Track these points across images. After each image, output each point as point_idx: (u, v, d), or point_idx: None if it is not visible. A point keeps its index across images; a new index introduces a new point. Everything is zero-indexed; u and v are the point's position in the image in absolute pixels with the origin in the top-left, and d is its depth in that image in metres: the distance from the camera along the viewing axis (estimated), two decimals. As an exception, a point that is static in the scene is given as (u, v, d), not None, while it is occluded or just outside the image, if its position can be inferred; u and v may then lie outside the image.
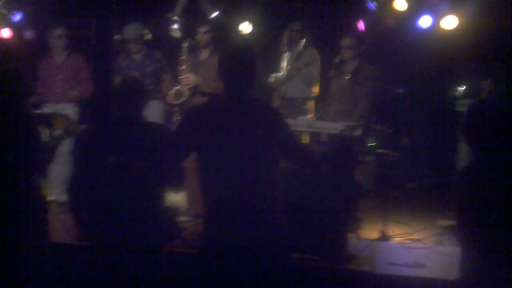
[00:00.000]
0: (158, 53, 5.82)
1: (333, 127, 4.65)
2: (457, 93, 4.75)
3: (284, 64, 6.01)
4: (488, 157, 2.83)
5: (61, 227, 4.57)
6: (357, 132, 4.51)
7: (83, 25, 5.74)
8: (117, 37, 5.48)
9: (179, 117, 5.24)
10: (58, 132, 3.75)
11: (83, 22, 5.83)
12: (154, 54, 5.78)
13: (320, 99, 5.66)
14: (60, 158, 5.45)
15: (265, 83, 6.11)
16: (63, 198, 5.14)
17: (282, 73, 6.01)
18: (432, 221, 5.40)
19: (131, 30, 5.65)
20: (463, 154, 4.78)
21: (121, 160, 3.22)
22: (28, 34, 6.37)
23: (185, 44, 5.32)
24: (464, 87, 4.67)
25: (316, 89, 5.90)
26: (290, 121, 4.83)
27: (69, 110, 5.54)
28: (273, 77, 6.04)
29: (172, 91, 5.28)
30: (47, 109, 5.61)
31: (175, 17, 6.23)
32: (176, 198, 6.17)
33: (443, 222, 5.27)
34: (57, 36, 5.75)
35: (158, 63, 5.74)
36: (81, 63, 5.88)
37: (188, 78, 5.19)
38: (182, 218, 5.21)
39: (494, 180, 2.74)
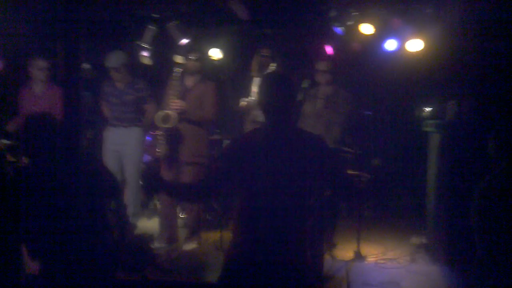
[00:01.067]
0: (142, 82, 5.76)
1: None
2: (424, 113, 4.87)
3: (255, 88, 6.09)
4: None
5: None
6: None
7: (55, 54, 5.68)
8: (85, 66, 5.46)
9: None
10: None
11: (54, 51, 5.78)
12: (137, 83, 5.75)
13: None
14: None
15: (235, 108, 6.16)
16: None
17: (252, 97, 6.08)
18: (405, 239, 5.47)
19: (113, 59, 5.64)
20: (433, 173, 4.87)
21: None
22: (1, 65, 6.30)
23: (175, 70, 5.30)
24: (431, 108, 4.78)
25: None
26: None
27: None
28: (243, 102, 6.10)
29: (160, 114, 5.26)
30: None
31: (144, 45, 6.27)
32: (147, 224, 6.15)
33: (416, 240, 5.35)
34: (38, 68, 5.66)
35: (139, 92, 5.72)
36: (59, 94, 5.82)
37: (177, 104, 5.19)
38: (156, 245, 5.17)
39: None
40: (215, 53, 6.22)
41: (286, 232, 2.70)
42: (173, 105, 5.19)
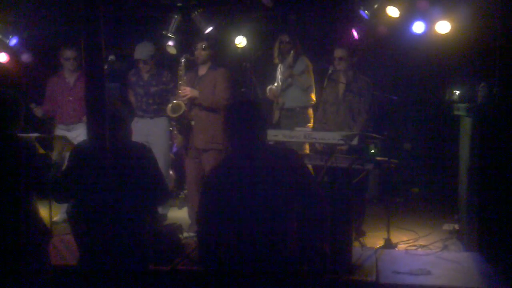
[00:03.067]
0: (167, 74, 5.80)
1: (330, 137, 4.64)
2: (453, 97, 4.75)
3: (278, 75, 6.06)
4: None
5: (64, 249, 4.60)
6: (355, 141, 4.49)
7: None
8: (111, 57, 5.50)
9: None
10: (58, 153, 3.75)
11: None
12: (162, 75, 5.78)
13: (318, 108, 5.67)
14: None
15: (262, 96, 6.13)
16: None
17: (277, 84, 6.04)
18: (437, 226, 5.38)
19: (142, 50, 5.67)
20: (465, 158, 4.76)
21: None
22: (26, 57, 6.39)
23: (183, 59, 5.33)
24: (461, 91, 4.66)
25: (313, 97, 5.92)
26: (286, 132, 4.89)
27: (82, 130, 5.54)
28: (269, 89, 6.08)
29: (170, 105, 5.29)
30: (60, 130, 5.62)
31: (170, 34, 6.27)
32: (179, 214, 6.19)
33: (448, 227, 5.26)
34: (67, 58, 5.71)
35: (164, 85, 5.75)
36: None
37: (185, 91, 5.20)
38: (186, 234, 5.20)
39: None
40: (239, 41, 6.17)
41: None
42: (181, 93, 5.20)
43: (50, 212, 5.16)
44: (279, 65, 6.08)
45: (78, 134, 5.55)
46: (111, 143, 3.27)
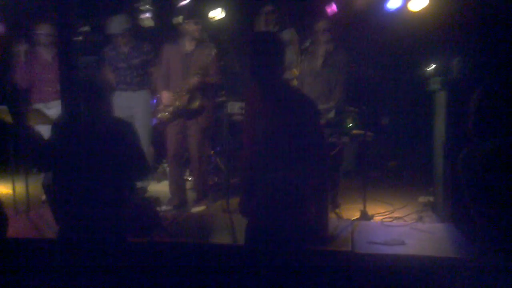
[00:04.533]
0: (146, 45, 5.73)
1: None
2: (429, 71, 4.78)
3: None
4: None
5: (42, 223, 4.59)
6: (331, 115, 4.52)
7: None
8: (85, 28, 5.41)
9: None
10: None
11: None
12: (142, 46, 5.71)
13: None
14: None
15: (241, 70, 6.10)
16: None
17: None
18: (413, 198, 5.46)
19: (116, 24, 5.58)
20: (439, 131, 4.82)
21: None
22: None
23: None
24: (436, 65, 4.70)
25: (294, 71, 5.90)
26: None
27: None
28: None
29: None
30: (38, 107, 5.51)
31: (146, 6, 6.18)
32: (158, 187, 6.20)
33: (423, 199, 5.34)
34: (42, 33, 5.57)
35: (145, 55, 5.69)
36: None
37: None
38: (164, 208, 5.22)
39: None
40: (216, 13, 6.12)
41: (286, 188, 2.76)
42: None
43: (26, 188, 5.13)
44: None
45: (57, 112, 5.49)
46: (90, 116, 3.27)
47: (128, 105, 5.64)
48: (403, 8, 5.43)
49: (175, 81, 5.23)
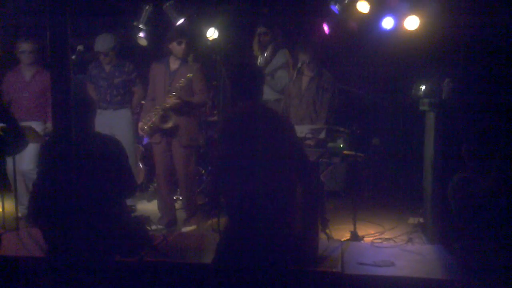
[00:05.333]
0: (129, 64, 5.76)
1: (298, 130, 4.67)
2: (419, 92, 4.83)
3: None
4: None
5: (31, 242, 4.55)
6: (322, 135, 4.55)
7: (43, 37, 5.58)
8: (79, 48, 5.43)
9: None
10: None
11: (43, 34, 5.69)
12: (124, 65, 5.73)
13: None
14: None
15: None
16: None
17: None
18: (403, 219, 5.47)
19: (102, 43, 5.61)
20: (429, 152, 4.85)
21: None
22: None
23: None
24: (427, 86, 4.75)
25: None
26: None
27: (37, 128, 5.33)
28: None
29: (156, 118, 5.21)
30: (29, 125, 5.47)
31: (141, 25, 6.23)
32: (148, 206, 6.18)
33: (413, 220, 5.35)
34: (23, 51, 5.54)
35: (127, 75, 5.71)
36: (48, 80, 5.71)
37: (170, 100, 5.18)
38: (154, 227, 5.19)
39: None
40: (211, 33, 6.17)
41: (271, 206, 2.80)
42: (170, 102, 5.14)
43: (16, 206, 5.10)
44: (259, 57, 6.05)
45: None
46: (80, 133, 3.27)
47: (109, 124, 5.64)
48: (398, 28, 5.49)
49: (158, 98, 5.26)
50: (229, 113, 3.32)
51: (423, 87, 4.73)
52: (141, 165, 6.64)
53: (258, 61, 6.04)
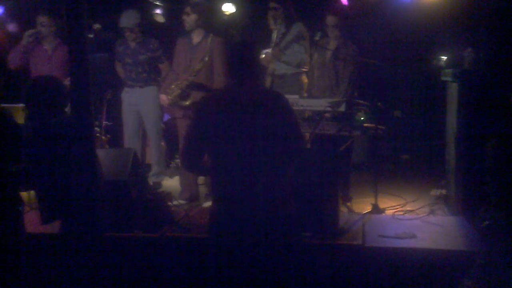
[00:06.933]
0: (154, 42, 5.74)
1: (317, 104, 4.65)
2: (440, 63, 4.74)
3: (273, 41, 5.99)
4: None
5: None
6: (342, 108, 4.51)
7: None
8: (96, 26, 5.44)
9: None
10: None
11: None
12: (150, 42, 5.72)
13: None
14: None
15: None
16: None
17: (269, 51, 5.98)
18: (425, 191, 5.43)
19: (128, 19, 5.60)
20: (451, 123, 4.79)
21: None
22: (12, 27, 6.29)
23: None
24: (447, 57, 4.66)
25: (306, 66, 5.87)
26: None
27: None
28: (262, 55, 6.00)
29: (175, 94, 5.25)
30: None
31: (157, 2, 6.20)
32: (170, 183, 6.23)
33: (435, 192, 5.31)
34: (43, 25, 5.57)
35: (152, 52, 5.71)
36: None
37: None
38: (175, 202, 5.24)
39: None
40: (227, 8, 6.11)
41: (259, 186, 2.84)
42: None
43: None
44: (274, 31, 5.99)
45: None
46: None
47: (135, 102, 5.67)
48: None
49: (180, 72, 5.31)
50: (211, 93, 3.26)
51: (445, 58, 4.64)
52: (162, 143, 6.69)
53: (275, 36, 5.98)
